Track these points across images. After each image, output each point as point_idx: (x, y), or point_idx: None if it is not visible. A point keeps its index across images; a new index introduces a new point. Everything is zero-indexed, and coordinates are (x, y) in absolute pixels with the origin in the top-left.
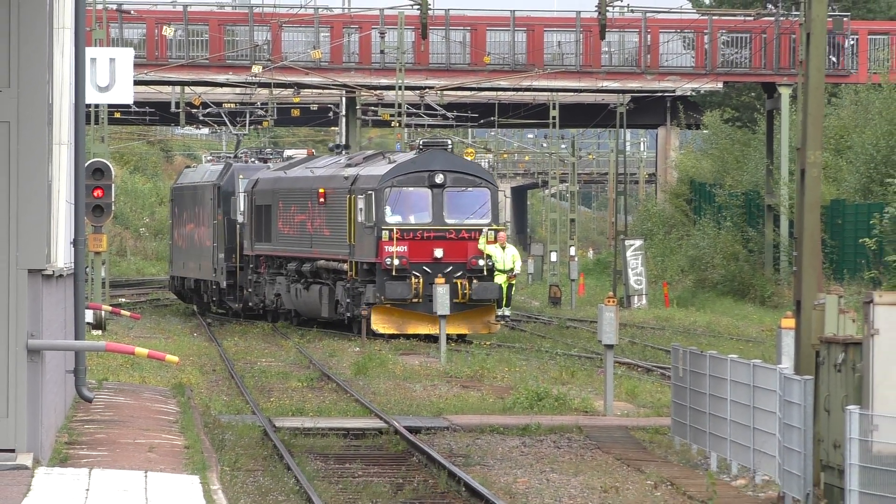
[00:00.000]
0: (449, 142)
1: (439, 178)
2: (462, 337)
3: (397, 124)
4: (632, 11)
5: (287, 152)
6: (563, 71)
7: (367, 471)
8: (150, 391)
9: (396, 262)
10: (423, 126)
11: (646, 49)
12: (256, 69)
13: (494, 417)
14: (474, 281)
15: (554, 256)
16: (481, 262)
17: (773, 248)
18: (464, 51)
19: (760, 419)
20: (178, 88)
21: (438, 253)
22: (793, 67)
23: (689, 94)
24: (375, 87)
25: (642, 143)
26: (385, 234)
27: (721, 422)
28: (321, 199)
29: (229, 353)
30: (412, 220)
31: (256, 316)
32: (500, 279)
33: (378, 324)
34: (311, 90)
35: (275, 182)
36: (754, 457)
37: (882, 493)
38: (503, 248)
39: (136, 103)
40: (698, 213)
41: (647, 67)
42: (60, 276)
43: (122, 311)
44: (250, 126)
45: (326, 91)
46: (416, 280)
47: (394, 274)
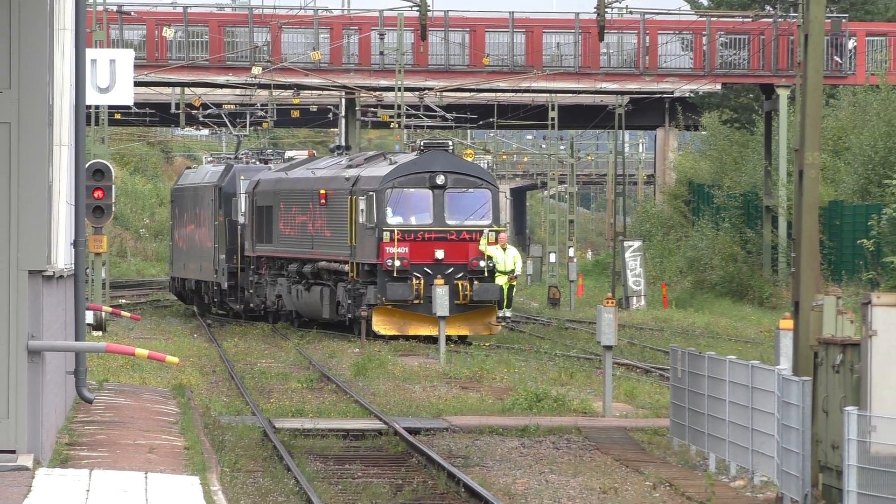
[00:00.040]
0: (450, 143)
1: (440, 179)
2: (463, 338)
3: (396, 125)
4: (630, 13)
5: (288, 153)
6: (562, 72)
7: (366, 472)
8: (151, 392)
9: (397, 263)
10: (422, 127)
11: (644, 50)
12: (256, 70)
13: (493, 418)
14: (475, 282)
15: (553, 257)
16: (482, 264)
17: (772, 249)
18: (463, 52)
19: (759, 420)
20: (178, 90)
21: (439, 254)
22: (791, 69)
23: (687, 95)
24: (375, 89)
25: (641, 145)
26: (386, 236)
27: (720, 423)
28: (322, 201)
29: (229, 354)
30: (413, 221)
31: (257, 317)
32: (501, 280)
33: (379, 325)
34: (310, 91)
35: (276, 183)
36: (753, 458)
37: (880, 493)
38: (504, 249)
39: (137, 104)
40: (697, 215)
41: (646, 69)
42: (61, 277)
43: (123, 313)
44: (250, 127)
45: (326, 92)
46: (417, 281)
47: (395, 275)
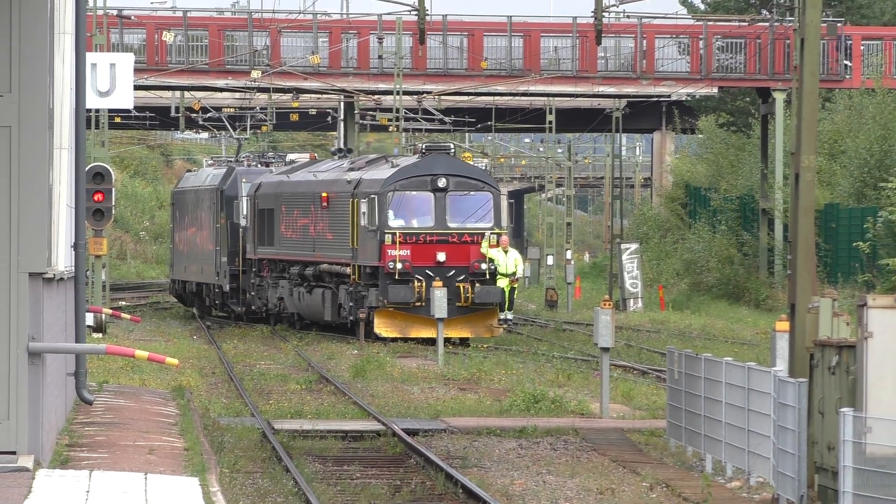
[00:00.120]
0: (451, 146)
1: (442, 182)
2: (464, 340)
3: (395, 129)
4: (627, 17)
5: (289, 156)
6: (560, 76)
7: (365, 472)
8: (150, 394)
9: (399, 265)
10: (420, 130)
11: (641, 54)
12: (255, 74)
13: (491, 420)
14: (477, 284)
15: (550, 260)
16: (483, 266)
17: (768, 251)
18: (461, 56)
19: (755, 421)
20: (177, 93)
21: (441, 257)
22: (787, 72)
23: (684, 98)
24: (373, 92)
25: (638, 148)
26: (388, 238)
27: (716, 424)
28: (324, 203)
29: (229, 355)
30: (415, 223)
31: (259, 319)
32: (503, 283)
33: (381, 327)
34: (309, 95)
35: (277, 186)
36: (749, 459)
37: (875, 494)
38: (506, 251)
39: (136, 108)
40: (693, 217)
41: (643, 72)
42: (61, 279)
43: (123, 315)
44: (250, 130)
45: (325, 96)
46: (419, 284)
47: (396, 277)
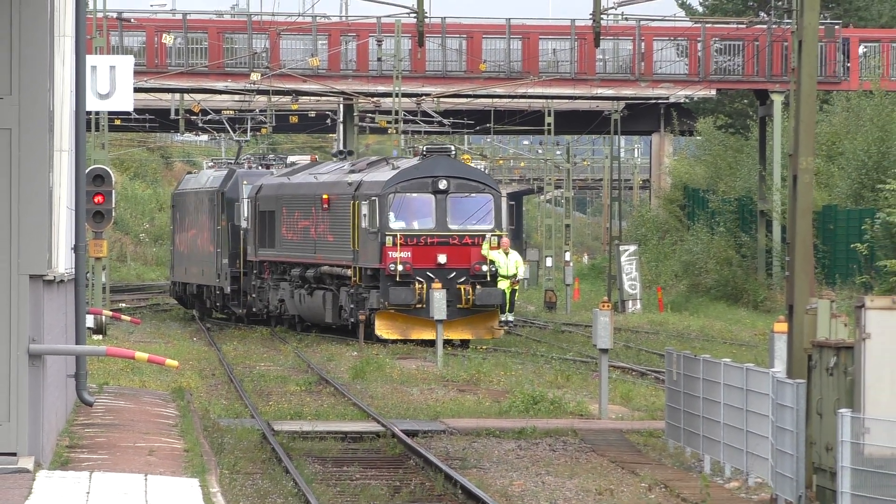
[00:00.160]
0: (452, 148)
1: (443, 183)
2: (465, 342)
3: (394, 131)
4: (626, 20)
5: (290, 158)
6: (558, 78)
7: (364, 473)
8: (150, 395)
9: (400, 267)
10: (419, 133)
11: (640, 57)
12: (255, 76)
13: (491, 421)
14: (477, 286)
15: (549, 261)
16: (484, 268)
17: (766, 253)
18: (460, 58)
19: (753, 422)
20: (177, 95)
21: (442, 258)
22: (785, 75)
23: (682, 100)
24: (373, 95)
25: (636, 150)
26: (389, 240)
27: (714, 425)
28: (325, 205)
29: (228, 357)
30: (416, 225)
31: (260, 321)
32: (504, 285)
33: (382, 329)
34: (308, 97)
35: (278, 188)
36: (747, 459)
37: (873, 495)
38: (506, 253)
39: (136, 110)
40: (692, 219)
41: (641, 75)
42: (61, 281)
43: (123, 316)
44: (250, 132)
45: (324, 98)
46: (420, 286)
47: (397, 279)
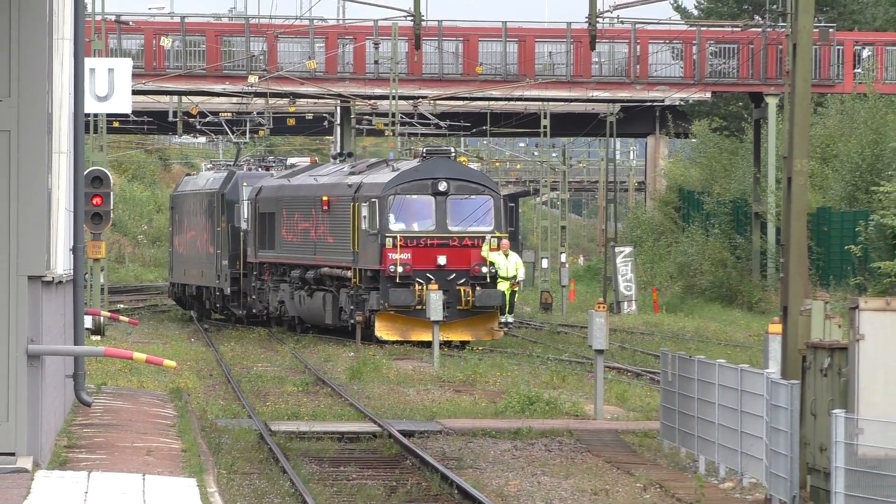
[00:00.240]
0: (452, 150)
1: (443, 185)
2: (465, 344)
3: (391, 133)
4: (622, 23)
5: (290, 160)
6: (554, 81)
7: (361, 474)
8: (148, 395)
9: (400, 269)
10: (416, 135)
11: (635, 59)
12: (253, 79)
13: (486, 421)
14: (477, 288)
15: (545, 263)
16: (484, 270)
17: (761, 254)
18: (456, 61)
19: (748, 423)
20: (175, 98)
21: (442, 260)
22: (779, 77)
23: (677, 103)
24: (370, 97)
25: (632, 152)
26: (389, 242)
27: (709, 425)
28: (325, 207)
29: (226, 358)
30: (416, 227)
31: (260, 322)
32: (504, 286)
33: (382, 331)
34: (306, 100)
35: (278, 190)
36: (742, 460)
37: (867, 495)
38: (506, 255)
39: (135, 112)
40: (687, 221)
41: (637, 77)
42: (60, 282)
43: (121, 317)
44: (249, 134)
45: (321, 101)
46: (420, 287)
47: (397, 281)
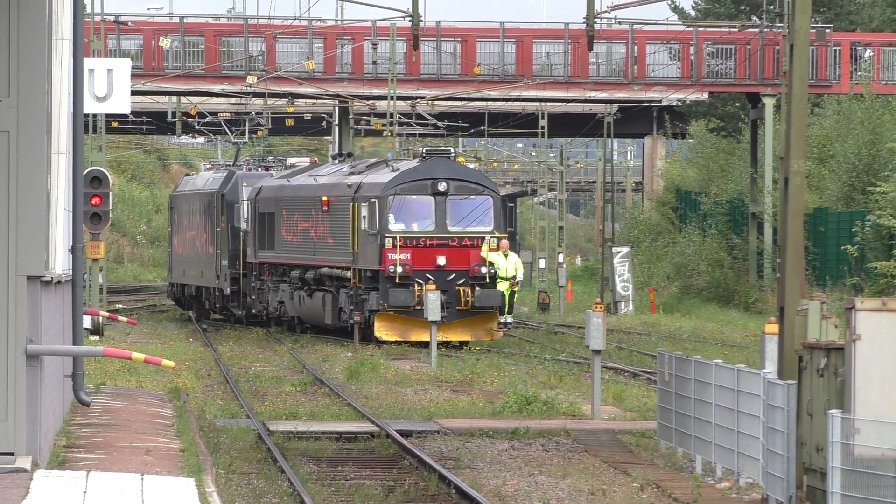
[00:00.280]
0: (452, 150)
1: (442, 186)
2: (465, 344)
3: (389, 133)
4: (619, 23)
5: (290, 160)
6: (552, 81)
7: (359, 473)
8: (147, 395)
9: (400, 269)
10: (414, 135)
11: (633, 60)
12: (251, 79)
13: (484, 421)
14: (477, 288)
15: (542, 263)
16: (484, 270)
17: (757, 255)
18: (454, 62)
19: (744, 423)
20: (174, 98)
21: (441, 260)
22: (776, 78)
23: (674, 104)
24: (368, 97)
25: (629, 152)
26: (388, 242)
27: (706, 425)
28: (324, 207)
29: (224, 358)
30: (415, 227)
31: (260, 322)
32: (503, 286)
33: (381, 331)
34: (304, 100)
35: (278, 190)
36: (738, 460)
37: (863, 495)
38: (506, 255)
39: (133, 113)
40: (684, 221)
41: (634, 78)
42: (59, 282)
43: (120, 317)
44: (249, 135)
45: (320, 101)
46: (419, 287)
47: (397, 281)
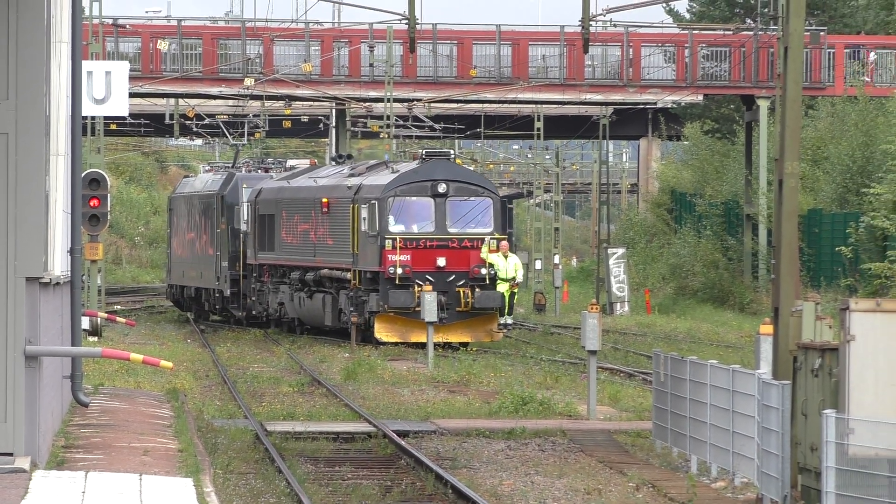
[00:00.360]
0: (451, 152)
1: (442, 187)
2: (465, 345)
3: (386, 136)
4: (614, 26)
5: (290, 162)
6: (548, 84)
7: (356, 473)
8: (145, 396)
9: (399, 270)
10: (411, 137)
11: (628, 62)
12: (249, 82)
13: (480, 421)
14: (477, 289)
15: (538, 264)
16: (483, 271)
17: (752, 256)
18: (451, 64)
19: (739, 423)
20: (172, 101)
21: (441, 262)
22: (771, 80)
23: (670, 106)
24: (364, 100)
25: (624, 154)
26: (388, 243)
27: (701, 425)
28: (324, 209)
29: (222, 359)
30: (415, 229)
31: (260, 324)
32: (503, 288)
33: (381, 332)
34: (301, 102)
35: (278, 192)
36: (733, 459)
37: (857, 494)
38: (505, 256)
39: (132, 115)
40: (679, 223)
41: (630, 80)
42: (57, 283)
43: (118, 318)
44: (247, 137)
45: (317, 103)
46: (419, 289)
47: (397, 283)
